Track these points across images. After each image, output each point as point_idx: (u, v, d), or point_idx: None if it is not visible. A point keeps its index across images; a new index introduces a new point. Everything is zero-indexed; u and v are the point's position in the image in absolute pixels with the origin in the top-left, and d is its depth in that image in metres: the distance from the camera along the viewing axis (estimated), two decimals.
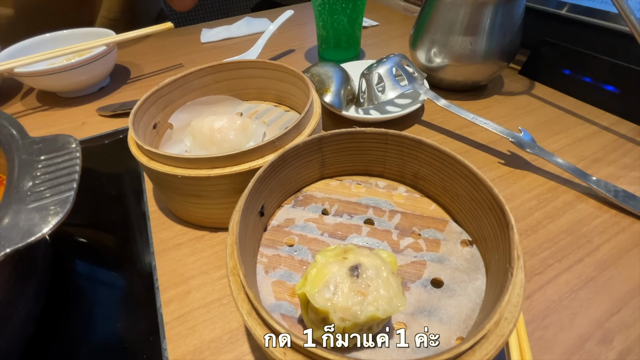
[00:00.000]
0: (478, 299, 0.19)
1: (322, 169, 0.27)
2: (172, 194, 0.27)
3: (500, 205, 0.19)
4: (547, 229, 0.28)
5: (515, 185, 0.32)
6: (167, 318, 0.23)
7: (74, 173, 0.20)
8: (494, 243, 0.20)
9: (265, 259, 0.23)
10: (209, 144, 0.30)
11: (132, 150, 0.27)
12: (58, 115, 0.46)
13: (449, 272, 0.21)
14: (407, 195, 0.26)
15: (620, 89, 0.39)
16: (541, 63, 0.46)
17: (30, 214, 0.18)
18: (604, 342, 0.21)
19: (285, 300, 0.20)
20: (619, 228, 0.28)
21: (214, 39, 0.64)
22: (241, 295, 0.16)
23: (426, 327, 0.18)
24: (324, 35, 0.51)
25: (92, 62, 0.45)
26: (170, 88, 0.33)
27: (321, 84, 0.39)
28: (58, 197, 0.19)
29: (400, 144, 0.25)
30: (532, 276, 0.25)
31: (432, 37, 0.42)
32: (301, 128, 0.27)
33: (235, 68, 0.36)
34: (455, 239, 0.23)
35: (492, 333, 0.15)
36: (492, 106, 0.43)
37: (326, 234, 0.24)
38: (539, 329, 0.22)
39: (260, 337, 0.15)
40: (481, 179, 0.20)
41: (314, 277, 0.17)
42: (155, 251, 0.28)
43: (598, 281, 0.24)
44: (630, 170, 0.33)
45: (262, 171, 0.22)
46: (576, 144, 0.36)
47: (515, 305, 0.16)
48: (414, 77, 0.39)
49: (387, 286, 0.16)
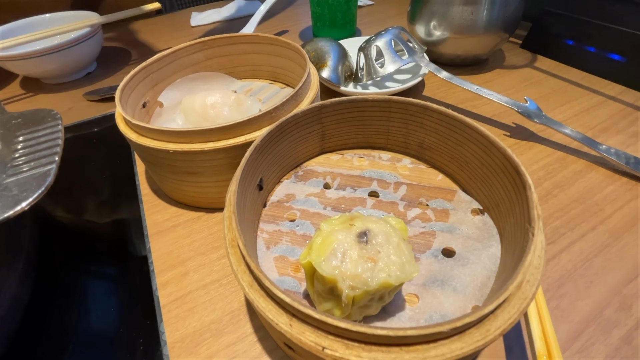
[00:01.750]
0: (493, 266, 0.18)
1: (322, 143, 0.26)
2: (165, 172, 0.26)
3: (516, 166, 0.17)
4: (557, 199, 0.27)
5: (522, 157, 0.31)
6: (163, 301, 0.22)
7: (55, 147, 0.19)
8: (508, 208, 0.19)
9: (265, 234, 0.21)
10: (202, 121, 0.29)
11: (120, 128, 0.25)
12: (43, 101, 0.44)
13: (461, 241, 0.20)
14: (413, 167, 0.25)
15: (626, 58, 0.38)
16: (543, 35, 0.45)
17: (8, 189, 0.16)
18: (623, 308, 0.20)
19: (289, 275, 0.19)
20: (631, 195, 0.27)
21: (204, 22, 0.62)
22: (241, 267, 0.15)
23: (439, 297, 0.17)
24: (318, 13, 0.49)
25: (77, 44, 0.43)
26: (159, 65, 0.31)
27: (318, 59, 0.37)
28: (38, 170, 0.17)
29: (404, 111, 0.24)
30: (545, 246, 0.24)
31: (432, 9, 0.40)
32: (299, 99, 0.26)
33: (227, 44, 0.34)
34: (465, 208, 0.22)
35: (514, 296, 0.14)
36: (494, 80, 0.41)
37: (329, 208, 0.23)
38: (554, 298, 0.21)
39: (264, 309, 0.14)
40: (493, 140, 0.19)
41: (319, 245, 0.15)
42: (149, 234, 0.26)
43: (613, 249, 0.23)
44: (639, 138, 0.32)
45: (260, 140, 0.20)
46: (582, 114, 0.35)
47: (537, 268, 0.15)
48: (414, 50, 0.37)
49: (399, 252, 0.15)
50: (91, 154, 0.36)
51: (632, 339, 0.19)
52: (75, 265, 0.26)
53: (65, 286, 0.24)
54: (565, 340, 0.19)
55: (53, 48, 0.42)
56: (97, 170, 0.34)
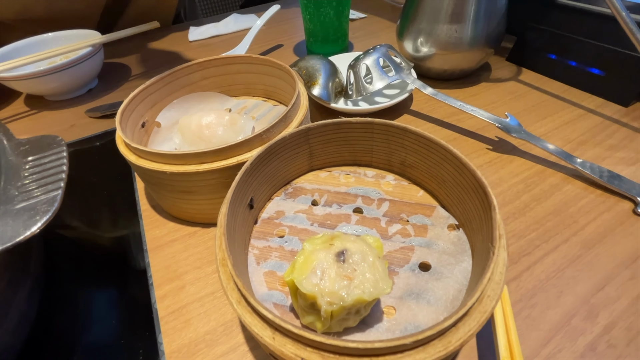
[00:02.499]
0: (464, 280, 0.20)
1: (310, 161, 0.28)
2: (162, 191, 0.27)
3: (483, 187, 0.19)
4: (534, 212, 0.28)
5: (503, 170, 0.32)
6: (162, 313, 0.24)
7: (61, 172, 0.20)
8: (478, 225, 0.20)
9: (256, 250, 0.23)
10: (198, 141, 0.30)
11: (121, 149, 0.27)
12: (46, 118, 0.46)
13: (437, 255, 0.21)
14: (395, 183, 0.27)
15: (605, 71, 0.39)
16: (527, 49, 0.47)
17: (19, 214, 0.18)
18: (589, 317, 0.22)
19: (277, 289, 0.21)
20: (604, 207, 0.28)
21: (202, 37, 0.64)
22: (230, 285, 0.17)
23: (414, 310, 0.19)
24: (311, 29, 0.51)
25: (79, 64, 0.45)
26: (157, 86, 0.33)
27: (309, 77, 0.39)
28: (46, 196, 0.19)
29: (386, 133, 0.25)
30: (520, 257, 0.25)
31: (418, 27, 0.42)
32: (288, 121, 0.27)
33: (222, 64, 0.36)
34: (443, 223, 0.23)
35: (475, 310, 0.15)
36: (480, 93, 0.43)
37: (316, 224, 0.24)
38: (526, 307, 0.22)
39: (250, 324, 0.15)
40: (465, 163, 0.21)
41: (301, 264, 0.17)
42: (148, 248, 0.28)
43: (584, 259, 0.25)
44: (615, 150, 0.33)
45: (249, 164, 0.22)
46: (563, 127, 0.37)
47: (498, 283, 0.16)
48: (401, 67, 0.39)
49: (373, 270, 0.16)
50: (93, 170, 0.37)
51: (597, 346, 0.20)
52: (78, 279, 0.27)
53: (69, 300, 0.26)
54: (534, 347, 0.20)
55: (57, 67, 0.44)
56: (98, 186, 0.35)
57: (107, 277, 0.27)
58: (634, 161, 0.32)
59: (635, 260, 0.24)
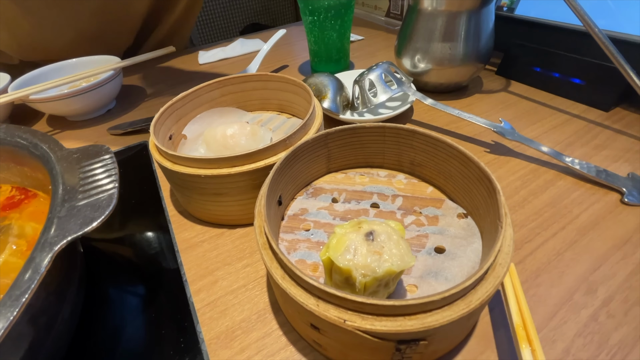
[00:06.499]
0: (477, 258, 0.22)
1: (328, 164, 0.30)
2: (193, 195, 0.30)
3: (487, 176, 0.22)
4: (532, 204, 0.31)
5: (501, 170, 0.35)
6: (198, 305, 0.26)
7: (113, 174, 0.23)
8: (485, 210, 0.23)
9: (286, 242, 0.25)
10: (223, 149, 0.33)
11: (156, 157, 0.29)
12: (70, 137, 0.48)
13: (449, 240, 0.24)
14: (406, 182, 0.30)
15: (585, 81, 0.44)
16: (514, 63, 0.51)
17: (83, 209, 0.20)
18: (589, 292, 0.24)
19: (308, 275, 0.23)
20: (594, 199, 0.31)
21: (211, 60, 0.68)
22: (274, 265, 0.19)
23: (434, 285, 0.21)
24: (315, 50, 0.55)
25: (100, 87, 0.48)
26: (182, 102, 0.36)
27: (318, 92, 0.43)
28: (104, 194, 0.21)
29: (396, 135, 0.28)
30: (523, 244, 0.28)
31: (415, 45, 0.46)
32: (307, 128, 0.30)
33: (239, 82, 0.40)
34: (452, 213, 0.26)
35: (490, 275, 0.18)
36: (474, 104, 0.47)
37: (338, 218, 0.27)
38: (532, 286, 0.25)
39: (295, 294, 0.17)
40: (469, 156, 0.24)
41: (335, 244, 0.19)
42: (179, 249, 0.30)
43: (580, 244, 0.27)
44: (600, 149, 0.37)
45: (280, 163, 0.25)
46: (551, 131, 0.40)
47: (507, 253, 0.19)
48: (402, 81, 0.43)
49: (398, 246, 0.19)
50: (119, 183, 0.40)
51: (598, 317, 0.23)
52: (116, 282, 0.29)
53: (110, 301, 0.27)
54: (542, 320, 0.23)
55: (80, 90, 0.47)
56: (126, 197, 0.38)
57: (143, 278, 0.29)
58: (618, 158, 0.35)
59: (626, 242, 0.27)
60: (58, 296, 0.21)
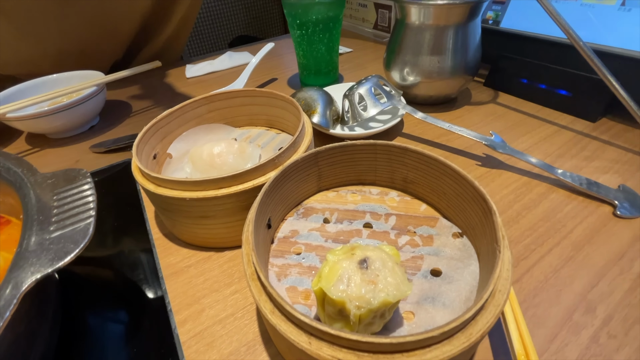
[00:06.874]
0: (474, 281, 0.21)
1: (319, 182, 0.30)
2: (178, 217, 0.28)
3: (482, 196, 0.21)
4: (526, 219, 0.31)
5: (493, 183, 0.35)
6: (183, 337, 0.24)
7: (90, 202, 0.22)
8: (480, 230, 0.22)
9: (276, 268, 0.24)
10: (210, 169, 0.32)
11: (138, 179, 0.28)
12: (50, 156, 0.46)
13: (445, 261, 0.23)
14: (399, 199, 0.29)
15: (572, 92, 0.44)
16: (501, 75, 0.52)
17: (56, 241, 0.19)
18: (589, 312, 0.23)
19: (299, 303, 0.22)
20: (587, 212, 0.31)
21: (198, 74, 0.67)
22: (263, 297, 0.18)
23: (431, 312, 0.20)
24: (304, 63, 0.55)
25: (83, 103, 0.47)
26: (167, 120, 0.35)
27: (308, 106, 0.42)
28: (79, 224, 0.20)
29: (388, 152, 0.28)
30: (519, 261, 0.27)
31: (404, 59, 0.46)
32: (297, 146, 0.29)
33: (226, 98, 0.39)
34: (447, 232, 0.25)
35: (489, 304, 0.17)
36: (464, 116, 0.47)
37: (330, 240, 0.26)
38: (531, 307, 0.24)
39: (285, 331, 0.16)
40: (463, 175, 0.23)
41: (327, 273, 0.18)
42: (164, 275, 0.28)
43: (576, 259, 0.27)
44: (590, 161, 0.37)
45: (268, 185, 0.24)
46: (541, 142, 0.40)
47: (506, 279, 0.18)
48: (392, 95, 0.42)
49: (394, 274, 0.18)
50: (102, 203, 0.38)
51: (599, 338, 0.22)
52: (95, 312, 0.27)
53: (88, 334, 0.25)
54: (542, 343, 0.22)
55: (61, 107, 0.45)
56: (108, 218, 0.36)
57: (124, 307, 0.27)
58: (608, 169, 0.35)
59: (622, 257, 0.27)
60: (28, 337, 0.19)
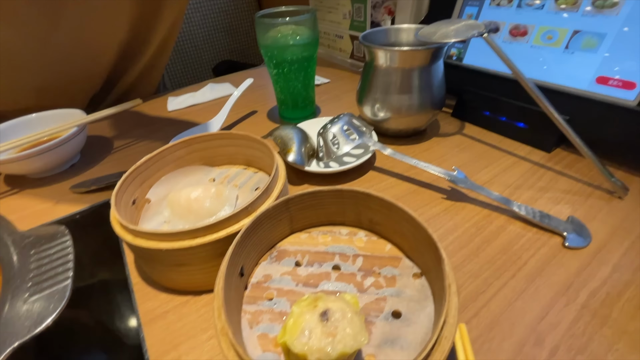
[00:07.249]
0: (429, 323, 0.23)
1: (291, 225, 0.31)
2: (156, 265, 0.30)
3: (433, 243, 0.23)
4: (485, 252, 0.33)
5: (457, 217, 0.38)
6: None
7: (68, 262, 0.23)
8: (435, 274, 0.24)
9: (249, 315, 0.25)
10: (187, 214, 0.33)
11: (117, 230, 0.29)
12: (29, 197, 0.47)
13: (405, 303, 0.25)
14: (367, 239, 0.31)
15: (528, 125, 0.48)
16: (466, 107, 0.55)
17: (32, 306, 0.20)
18: (537, 343, 0.26)
19: (270, 351, 0.23)
20: (540, 243, 0.34)
21: (180, 107, 0.69)
22: (231, 353, 0.19)
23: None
24: (282, 99, 0.58)
25: (63, 145, 0.48)
26: (146, 165, 0.36)
27: (284, 145, 0.44)
28: (56, 287, 0.21)
29: (354, 198, 0.30)
30: (477, 295, 0.29)
31: (374, 96, 0.49)
32: (269, 192, 0.31)
33: (204, 140, 0.41)
34: (408, 272, 0.27)
35: (435, 350, 0.19)
36: (432, 148, 0.50)
37: (300, 284, 0.27)
38: (486, 341, 0.26)
39: None
40: (418, 222, 0.25)
41: (291, 326, 0.20)
42: (142, 322, 0.29)
43: (528, 291, 0.29)
44: (544, 192, 0.40)
45: (239, 236, 0.25)
46: (501, 174, 0.43)
47: (452, 325, 0.20)
48: (363, 132, 0.45)
49: (352, 324, 0.20)
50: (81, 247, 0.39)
51: None
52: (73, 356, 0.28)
53: None
54: None
55: (41, 150, 0.46)
56: (87, 262, 0.37)
57: (102, 354, 0.28)
58: (559, 200, 0.38)
59: (569, 287, 0.29)
60: None
